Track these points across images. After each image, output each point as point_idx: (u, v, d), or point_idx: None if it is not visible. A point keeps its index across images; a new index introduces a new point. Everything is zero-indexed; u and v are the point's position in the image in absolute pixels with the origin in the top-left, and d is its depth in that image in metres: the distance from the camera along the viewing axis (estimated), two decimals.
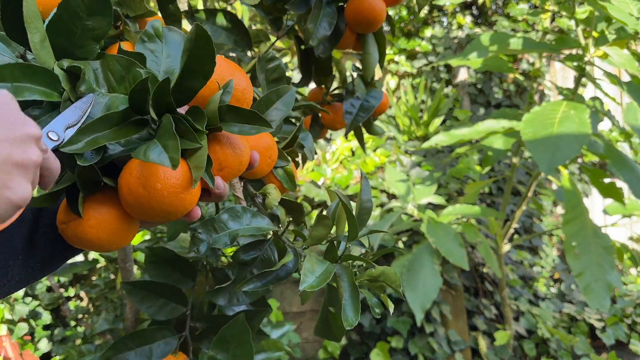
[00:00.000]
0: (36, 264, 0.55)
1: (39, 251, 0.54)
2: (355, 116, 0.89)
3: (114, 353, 0.79)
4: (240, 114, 0.54)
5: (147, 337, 0.80)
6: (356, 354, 2.67)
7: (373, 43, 0.95)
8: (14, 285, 0.54)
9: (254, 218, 0.67)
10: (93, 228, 0.50)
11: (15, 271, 0.53)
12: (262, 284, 0.69)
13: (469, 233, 2.35)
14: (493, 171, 3.57)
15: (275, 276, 0.70)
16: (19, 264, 0.53)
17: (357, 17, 0.91)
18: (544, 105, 1.76)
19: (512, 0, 4.30)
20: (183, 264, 0.88)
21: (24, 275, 0.54)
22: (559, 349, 2.73)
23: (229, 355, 0.71)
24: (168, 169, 0.48)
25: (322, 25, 0.85)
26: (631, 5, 1.47)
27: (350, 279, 0.67)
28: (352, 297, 0.66)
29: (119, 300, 2.04)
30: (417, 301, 2.19)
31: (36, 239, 0.54)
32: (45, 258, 0.55)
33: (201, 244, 0.63)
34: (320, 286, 0.63)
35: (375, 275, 0.70)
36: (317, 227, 0.71)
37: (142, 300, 0.83)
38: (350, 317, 0.64)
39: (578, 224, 1.90)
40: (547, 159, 1.53)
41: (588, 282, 1.82)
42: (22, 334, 2.53)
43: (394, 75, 4.32)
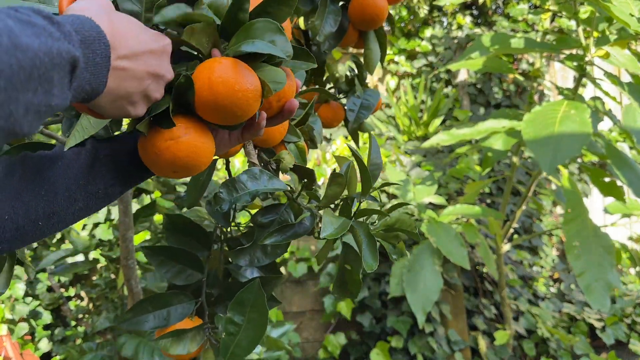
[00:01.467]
0: (98, 192, 0.58)
1: (99, 180, 0.58)
2: (358, 113, 0.93)
3: (133, 315, 0.81)
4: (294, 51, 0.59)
5: (165, 301, 0.83)
6: (356, 353, 2.67)
7: (374, 40, 0.98)
8: (77, 212, 0.57)
9: (270, 180, 0.72)
10: (185, 146, 0.56)
11: (79, 197, 0.56)
12: (283, 238, 0.74)
13: (469, 233, 2.36)
14: (493, 171, 3.58)
15: (294, 232, 0.75)
16: (81, 192, 0.56)
17: (361, 14, 0.93)
18: (544, 105, 1.76)
19: (512, 1, 4.31)
20: (199, 232, 0.91)
21: (85, 202, 0.57)
22: (559, 349, 2.73)
23: (245, 319, 0.74)
24: (248, 76, 0.54)
25: (328, 21, 0.88)
26: (632, 5, 1.48)
27: (366, 230, 0.74)
28: (369, 245, 0.72)
29: (119, 300, 2.04)
30: (418, 302, 2.20)
31: (96, 168, 0.58)
32: (107, 186, 0.59)
33: (223, 202, 0.68)
34: (339, 235, 0.69)
35: (391, 223, 0.77)
36: (331, 186, 0.76)
37: (160, 264, 0.85)
38: (369, 262, 0.71)
39: (578, 223, 1.90)
40: (549, 158, 1.54)
41: (589, 282, 1.82)
42: (22, 334, 2.53)
43: (394, 75, 4.33)
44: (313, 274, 2.90)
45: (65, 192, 0.55)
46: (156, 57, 0.52)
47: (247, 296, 0.75)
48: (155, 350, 1.59)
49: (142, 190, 1.96)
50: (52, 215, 0.54)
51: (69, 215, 0.56)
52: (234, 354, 0.74)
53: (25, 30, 0.37)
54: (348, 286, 0.82)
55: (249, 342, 0.74)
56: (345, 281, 0.82)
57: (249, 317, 0.74)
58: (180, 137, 0.56)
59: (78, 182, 0.56)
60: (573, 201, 1.94)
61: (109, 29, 0.47)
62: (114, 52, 0.47)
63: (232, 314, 0.74)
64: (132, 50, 0.49)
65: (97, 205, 0.59)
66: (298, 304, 2.87)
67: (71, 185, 0.55)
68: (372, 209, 0.76)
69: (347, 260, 0.81)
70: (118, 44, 0.48)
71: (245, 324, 0.74)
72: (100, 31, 0.46)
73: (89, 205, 0.57)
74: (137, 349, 1.58)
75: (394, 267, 2.43)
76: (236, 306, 0.75)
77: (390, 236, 0.79)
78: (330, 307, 2.68)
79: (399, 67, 4.27)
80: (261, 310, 0.74)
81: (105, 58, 0.46)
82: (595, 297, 1.80)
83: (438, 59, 4.24)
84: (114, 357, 1.65)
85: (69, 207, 0.55)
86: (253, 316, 0.74)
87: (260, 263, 0.79)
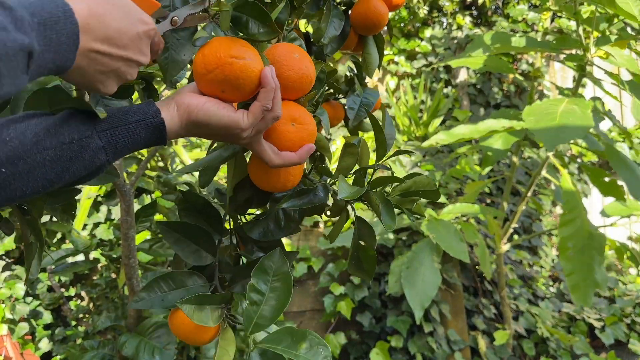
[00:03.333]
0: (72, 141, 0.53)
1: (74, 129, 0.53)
2: (358, 111, 0.95)
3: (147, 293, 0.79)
4: None
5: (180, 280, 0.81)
6: (356, 353, 2.67)
7: (373, 45, 1.01)
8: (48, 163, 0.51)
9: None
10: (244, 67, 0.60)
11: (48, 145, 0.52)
12: (300, 203, 0.74)
13: (468, 232, 2.36)
14: (493, 171, 3.59)
15: (309, 199, 0.75)
16: (52, 139, 0.52)
17: (364, 19, 0.95)
18: (545, 101, 1.77)
19: (511, 1, 4.32)
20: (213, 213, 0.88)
21: (56, 152, 0.52)
22: (559, 349, 2.74)
23: (269, 288, 0.72)
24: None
25: (332, 25, 0.90)
26: (632, 5, 1.49)
27: (382, 195, 0.74)
28: (386, 208, 0.72)
29: (120, 300, 2.04)
30: (416, 299, 2.20)
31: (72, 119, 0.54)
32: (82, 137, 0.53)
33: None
34: (355, 197, 0.69)
35: (407, 187, 0.77)
36: (344, 157, 0.76)
37: (176, 242, 0.83)
38: (388, 223, 0.71)
39: (575, 226, 1.91)
40: (551, 137, 1.52)
41: (576, 282, 1.86)
42: (22, 334, 2.54)
43: (394, 75, 4.34)
44: (313, 273, 2.90)
45: (33, 137, 0.50)
46: (135, 42, 0.53)
47: (269, 263, 0.72)
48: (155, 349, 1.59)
49: (142, 190, 1.96)
50: (17, 162, 0.49)
51: (38, 164, 0.50)
52: (257, 325, 0.70)
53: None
54: (363, 263, 0.81)
55: (273, 311, 0.71)
56: (359, 258, 0.81)
57: (272, 285, 0.71)
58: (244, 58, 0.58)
59: (48, 130, 0.51)
60: (571, 203, 1.95)
61: (86, 10, 0.48)
62: (89, 34, 0.48)
63: (255, 281, 0.71)
64: (109, 34, 0.50)
65: (76, 159, 0.52)
66: (298, 304, 2.88)
67: (40, 131, 0.50)
68: (386, 177, 0.75)
69: (361, 235, 0.79)
70: (95, 26, 0.49)
71: (269, 293, 0.71)
72: (68, 10, 0.46)
73: (63, 156, 0.51)
74: (138, 348, 1.58)
75: (392, 266, 2.43)
76: (259, 273, 0.72)
77: (407, 201, 0.78)
78: (330, 306, 2.69)
79: (398, 67, 4.27)
80: (285, 278, 0.71)
81: (71, 37, 0.46)
82: (579, 295, 1.83)
83: (438, 59, 4.25)
84: (115, 356, 1.65)
85: (36, 154, 0.49)
86: (276, 285, 0.71)
87: (273, 237, 0.77)
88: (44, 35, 0.44)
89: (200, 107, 0.57)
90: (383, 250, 2.84)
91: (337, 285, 2.72)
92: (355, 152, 0.76)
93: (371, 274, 0.80)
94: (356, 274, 0.81)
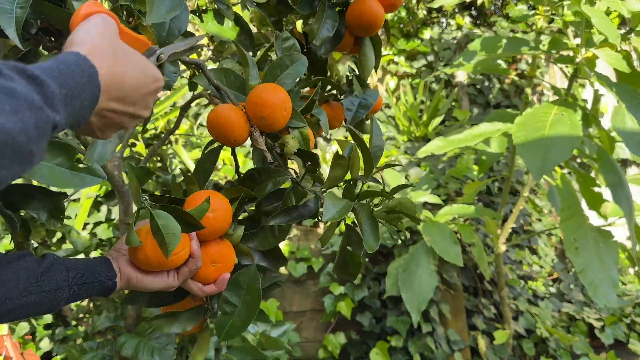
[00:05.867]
0: (49, 290, 0.64)
1: (52, 281, 0.64)
2: (356, 112, 0.95)
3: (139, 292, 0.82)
4: None
5: None
6: (356, 353, 2.68)
7: (370, 46, 0.99)
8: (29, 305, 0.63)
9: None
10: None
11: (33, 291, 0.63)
12: (287, 219, 0.78)
13: (465, 234, 2.36)
14: (492, 171, 3.59)
15: (299, 213, 0.79)
16: (36, 287, 0.63)
17: (359, 20, 0.94)
18: (536, 108, 1.76)
19: (511, 1, 4.32)
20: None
21: (37, 297, 0.63)
22: (558, 349, 2.74)
23: (240, 300, 0.79)
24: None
25: (325, 26, 0.89)
26: (621, 4, 1.49)
27: (368, 212, 0.77)
28: (371, 227, 0.77)
29: (119, 300, 2.05)
30: (414, 302, 2.21)
31: (52, 270, 0.65)
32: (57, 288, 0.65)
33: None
34: (340, 217, 0.73)
35: (392, 205, 0.81)
36: (334, 169, 0.79)
37: None
38: (370, 243, 0.76)
39: (576, 220, 1.90)
40: (538, 163, 1.54)
41: (592, 279, 1.79)
42: (23, 333, 2.54)
43: (394, 75, 4.34)
44: (313, 273, 2.90)
45: (24, 282, 0.60)
46: (145, 99, 0.56)
47: (243, 279, 0.79)
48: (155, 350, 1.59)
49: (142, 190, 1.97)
50: (6, 302, 0.59)
51: (21, 306, 0.61)
52: (228, 333, 0.78)
53: (3, 105, 0.38)
54: (349, 267, 0.85)
55: (243, 322, 0.78)
56: (346, 262, 0.85)
57: (244, 299, 0.78)
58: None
59: (37, 278, 0.62)
60: (568, 199, 1.94)
61: (107, 71, 0.49)
62: (106, 94, 0.50)
63: (228, 294, 0.79)
64: (124, 93, 0.52)
65: (47, 303, 0.64)
66: (298, 304, 2.88)
67: (30, 277, 0.61)
68: (374, 191, 0.79)
69: (349, 241, 0.84)
70: (112, 86, 0.50)
71: (240, 306, 0.78)
72: (93, 73, 0.47)
73: (40, 301, 0.63)
74: (137, 348, 1.58)
75: (390, 267, 2.43)
76: (233, 287, 0.79)
77: (393, 218, 0.82)
78: (330, 306, 2.69)
79: (398, 67, 4.28)
80: (255, 293, 0.78)
81: (93, 100, 0.48)
82: (600, 293, 1.75)
83: (437, 60, 4.25)
84: (114, 357, 1.66)
85: (22, 298, 0.60)
86: (248, 298, 0.78)
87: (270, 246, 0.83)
88: (70, 106, 0.45)
89: (138, 280, 0.71)
90: (383, 250, 2.84)
91: (337, 285, 2.72)
92: (345, 163, 0.78)
93: (355, 276, 0.85)
94: (342, 275, 0.86)
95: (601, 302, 1.77)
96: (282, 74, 0.81)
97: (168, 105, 2.47)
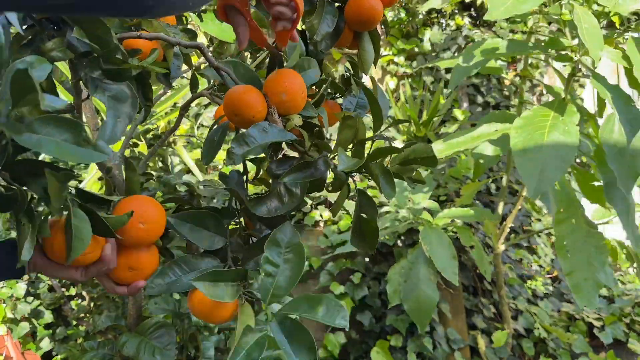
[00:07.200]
0: None
1: None
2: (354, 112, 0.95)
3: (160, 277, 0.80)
4: None
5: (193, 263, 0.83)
6: (356, 352, 2.68)
7: (368, 40, 1.00)
8: None
9: (280, 132, 0.74)
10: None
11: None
12: (302, 176, 0.76)
13: (464, 236, 2.36)
14: (491, 171, 3.59)
15: (311, 172, 0.77)
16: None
17: (358, 15, 0.95)
18: (534, 110, 1.75)
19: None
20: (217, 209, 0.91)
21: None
22: (558, 348, 2.74)
23: (282, 259, 0.74)
24: None
25: (325, 22, 0.90)
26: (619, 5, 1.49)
27: (381, 166, 0.76)
28: (385, 177, 0.76)
29: (120, 299, 2.05)
30: (417, 315, 2.22)
31: None
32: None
33: (235, 157, 0.71)
34: (355, 168, 0.72)
35: (406, 156, 0.79)
36: (343, 130, 0.78)
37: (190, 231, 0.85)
38: (387, 192, 0.75)
39: (571, 223, 1.90)
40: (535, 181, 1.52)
41: (578, 281, 1.83)
42: (23, 333, 2.55)
43: (393, 76, 4.35)
44: (313, 273, 2.91)
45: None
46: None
47: (281, 236, 0.75)
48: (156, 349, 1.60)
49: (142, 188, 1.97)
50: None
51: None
52: (274, 295, 0.73)
53: None
54: (365, 235, 0.82)
55: (288, 281, 0.73)
56: (362, 231, 0.82)
57: (286, 257, 0.74)
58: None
59: None
60: (566, 201, 1.94)
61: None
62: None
63: (269, 254, 0.74)
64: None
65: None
66: None
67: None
68: (385, 148, 0.77)
69: (363, 208, 0.81)
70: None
71: (283, 264, 0.74)
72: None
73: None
74: (138, 348, 1.59)
75: (390, 272, 2.42)
76: (271, 245, 0.74)
77: (407, 169, 0.80)
78: None
79: (398, 67, 4.28)
80: (297, 249, 0.74)
81: None
82: (583, 295, 1.79)
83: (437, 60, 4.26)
84: (115, 356, 1.66)
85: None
86: (289, 256, 0.74)
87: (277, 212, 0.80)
88: None
89: (43, 266, 0.73)
90: (383, 250, 2.85)
91: (337, 284, 2.73)
92: (354, 124, 0.77)
93: (373, 246, 0.82)
94: (359, 246, 0.83)
95: (582, 303, 1.81)
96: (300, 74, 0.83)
97: (169, 106, 2.48)
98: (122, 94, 0.70)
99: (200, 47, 0.78)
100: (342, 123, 0.77)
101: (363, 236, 0.82)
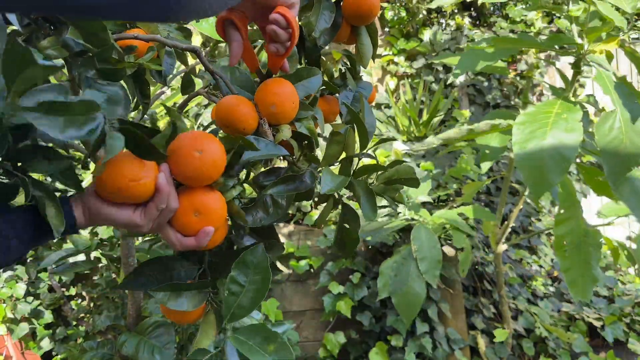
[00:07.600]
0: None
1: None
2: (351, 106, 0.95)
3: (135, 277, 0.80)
4: None
5: (168, 265, 0.82)
6: (355, 352, 2.68)
7: (366, 35, 1.00)
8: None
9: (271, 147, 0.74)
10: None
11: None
12: (286, 189, 0.76)
13: (457, 238, 2.37)
14: (491, 170, 3.59)
15: (296, 185, 0.77)
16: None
17: (355, 9, 0.95)
18: (538, 106, 1.76)
19: (510, 2, 4.32)
20: None
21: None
22: (558, 348, 2.74)
23: (248, 280, 0.74)
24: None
25: (323, 17, 0.90)
26: (624, 1, 1.49)
27: (364, 185, 0.79)
28: (368, 199, 0.79)
29: (120, 299, 2.05)
30: (404, 309, 2.22)
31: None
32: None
33: None
34: (338, 189, 0.73)
35: (390, 175, 0.82)
36: (330, 146, 0.80)
37: None
38: (368, 214, 0.77)
39: (571, 224, 1.91)
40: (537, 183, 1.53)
41: (574, 277, 1.86)
42: (23, 333, 2.55)
43: (393, 76, 4.35)
44: (313, 272, 2.91)
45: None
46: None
47: (251, 258, 0.75)
48: (155, 349, 1.60)
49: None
50: None
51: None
52: (235, 314, 0.74)
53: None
54: (345, 244, 0.87)
55: (250, 302, 0.74)
56: (343, 240, 0.87)
57: (252, 278, 0.74)
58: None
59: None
60: (567, 202, 1.95)
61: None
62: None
63: (235, 274, 0.74)
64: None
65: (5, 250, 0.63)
66: (298, 304, 2.89)
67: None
68: (371, 165, 0.80)
69: (346, 219, 0.85)
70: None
71: (248, 285, 0.74)
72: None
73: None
74: (138, 347, 1.59)
75: (382, 267, 2.42)
76: (240, 266, 0.75)
77: (390, 189, 0.83)
78: (330, 306, 2.69)
79: (398, 67, 4.29)
80: (264, 273, 0.74)
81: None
82: (578, 289, 1.83)
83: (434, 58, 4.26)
84: (115, 356, 1.66)
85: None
86: (256, 278, 0.74)
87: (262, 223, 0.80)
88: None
89: (98, 208, 0.65)
90: (383, 249, 2.85)
91: (337, 284, 2.73)
92: (342, 140, 0.78)
93: (351, 254, 0.88)
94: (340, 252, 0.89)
95: (576, 296, 1.85)
96: (295, 84, 0.82)
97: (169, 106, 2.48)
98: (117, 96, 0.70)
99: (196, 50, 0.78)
100: (330, 138, 0.78)
101: (344, 245, 0.87)
